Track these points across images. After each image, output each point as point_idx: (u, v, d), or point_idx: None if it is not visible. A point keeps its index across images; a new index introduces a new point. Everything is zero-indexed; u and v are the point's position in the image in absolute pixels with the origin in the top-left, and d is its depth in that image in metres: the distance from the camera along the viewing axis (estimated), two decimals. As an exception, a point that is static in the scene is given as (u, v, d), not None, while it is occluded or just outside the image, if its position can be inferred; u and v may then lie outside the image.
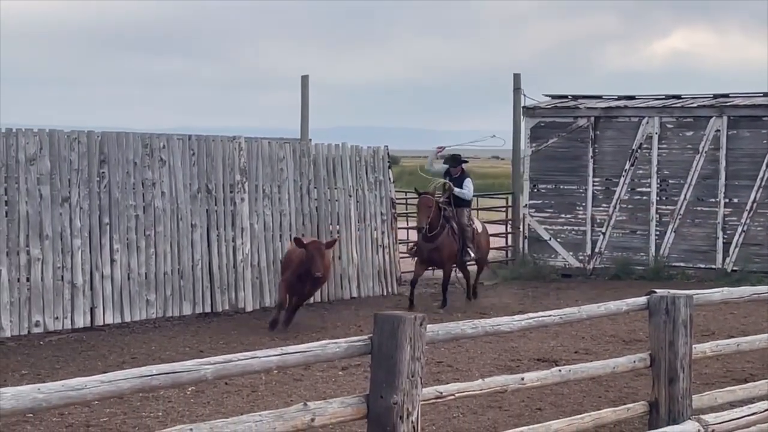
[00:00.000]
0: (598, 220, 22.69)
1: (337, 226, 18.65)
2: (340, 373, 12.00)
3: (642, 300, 6.69)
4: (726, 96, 22.37)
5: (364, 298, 18.69)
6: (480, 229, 18.78)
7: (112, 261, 15.42)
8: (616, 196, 22.52)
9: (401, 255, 20.16)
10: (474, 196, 19.75)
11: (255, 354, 5.05)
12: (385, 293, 19.28)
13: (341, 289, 18.54)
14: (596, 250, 22.67)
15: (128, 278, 15.59)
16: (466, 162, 19.01)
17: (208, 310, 16.58)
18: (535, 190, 23.38)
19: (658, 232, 22.08)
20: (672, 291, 6.70)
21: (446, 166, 18.61)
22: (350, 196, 18.94)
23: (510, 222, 24.11)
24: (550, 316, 6.40)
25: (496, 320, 6.12)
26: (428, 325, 5.48)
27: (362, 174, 19.22)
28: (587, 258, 22.70)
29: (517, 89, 23.57)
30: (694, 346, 6.74)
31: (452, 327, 5.78)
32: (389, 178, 19.81)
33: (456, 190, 18.12)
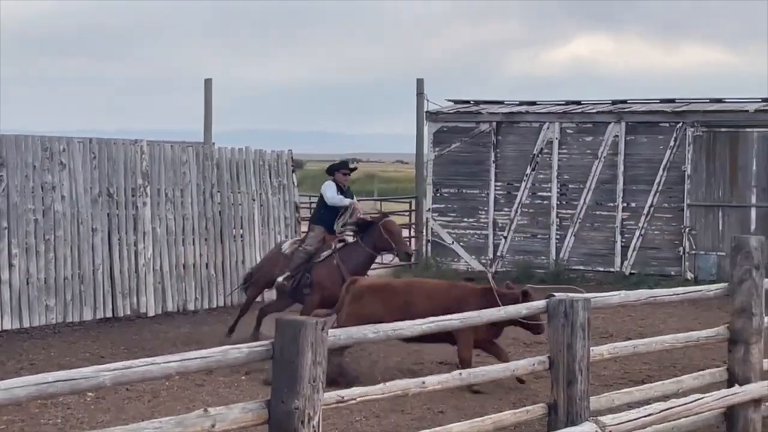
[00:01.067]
0: (500, 224, 22.93)
1: (241, 231, 18.56)
2: (244, 378, 11.95)
3: (541, 304, 6.78)
4: (624, 102, 22.78)
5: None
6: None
7: (11, 266, 15.15)
8: (517, 201, 22.79)
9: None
10: (378, 199, 19.79)
11: (154, 360, 5.01)
12: (288, 297, 19.19)
13: (245, 294, 18.42)
14: (498, 253, 22.90)
15: (27, 283, 15.33)
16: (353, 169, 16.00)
17: (109, 315, 16.38)
18: (438, 195, 23.54)
19: (558, 236, 22.39)
20: (570, 294, 6.80)
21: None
22: (254, 200, 18.86)
23: (413, 226, 24.24)
24: (451, 319, 6.46)
25: (398, 324, 6.16)
26: (330, 330, 5.50)
27: (266, 178, 19.15)
28: (489, 262, 22.92)
29: (420, 94, 23.73)
30: (592, 348, 6.85)
31: (354, 332, 5.81)
32: (293, 182, 19.77)
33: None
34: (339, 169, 15.11)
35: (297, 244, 15.10)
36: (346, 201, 14.86)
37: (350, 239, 14.61)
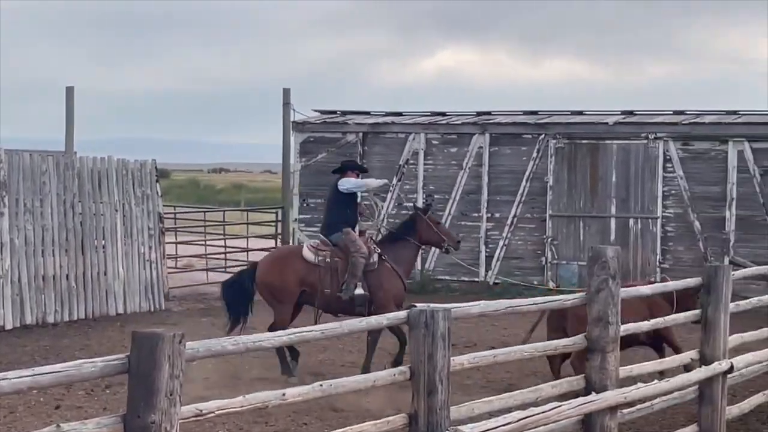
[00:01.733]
0: (366, 235, 22.95)
1: (103, 242, 18.23)
2: (106, 392, 11.73)
3: (402, 314, 6.79)
4: (489, 114, 23.11)
5: (131, 315, 18.30)
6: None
7: None
8: (383, 211, 22.86)
9: (169, 270, 19.88)
10: (245, 210, 19.66)
11: (6, 375, 4.87)
12: (152, 309, 18.94)
13: (107, 306, 18.11)
14: (365, 264, 22.93)
15: None
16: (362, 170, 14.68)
17: (-36, 328, 15.91)
18: (305, 205, 23.52)
19: (424, 247, 22.52)
20: (431, 305, 6.83)
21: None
22: (116, 210, 18.54)
23: (280, 236, 24.14)
24: (312, 331, 6.42)
25: (258, 336, 6.10)
26: (188, 343, 5.42)
27: (129, 188, 18.85)
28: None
29: (286, 104, 23.68)
30: (453, 358, 6.89)
31: (213, 344, 5.73)
32: (157, 192, 19.50)
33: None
34: (353, 169, 13.85)
35: (320, 250, 13.33)
36: (375, 182, 14.22)
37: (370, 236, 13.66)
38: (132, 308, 18.59)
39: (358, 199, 13.94)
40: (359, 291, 13.03)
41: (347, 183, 13.45)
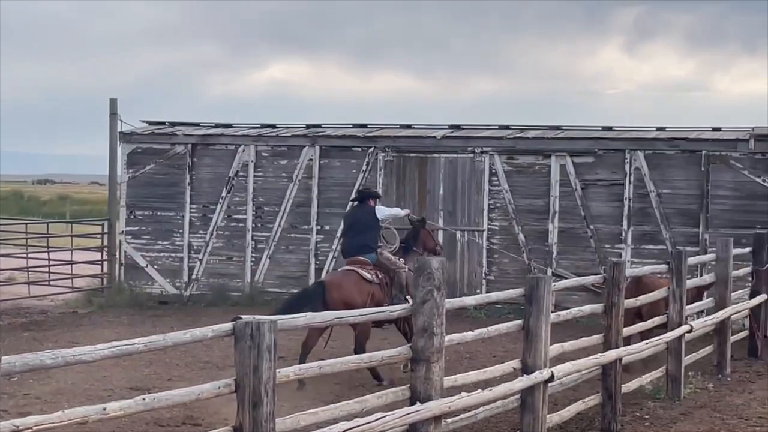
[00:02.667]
0: (195, 247, 22.78)
1: None
2: None
3: (228, 326, 6.73)
4: (319, 126, 23.18)
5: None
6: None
7: None
8: (213, 223, 22.71)
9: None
10: (69, 222, 19.25)
11: None
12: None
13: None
14: (193, 276, 22.74)
15: None
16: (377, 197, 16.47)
17: None
18: (132, 217, 23.14)
19: (253, 259, 22.48)
20: (257, 316, 6.80)
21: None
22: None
23: (106, 249, 23.69)
24: (135, 344, 6.31)
25: (78, 350, 5.96)
26: (4, 357, 5.27)
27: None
28: (184, 285, 22.71)
29: (113, 114, 23.27)
30: (278, 370, 6.87)
31: (30, 358, 5.58)
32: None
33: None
34: (372, 197, 15.72)
35: (370, 270, 14.74)
36: (401, 212, 16.26)
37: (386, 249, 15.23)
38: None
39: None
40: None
41: (384, 211, 15.58)
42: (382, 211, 15.44)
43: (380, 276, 14.69)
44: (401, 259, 15.04)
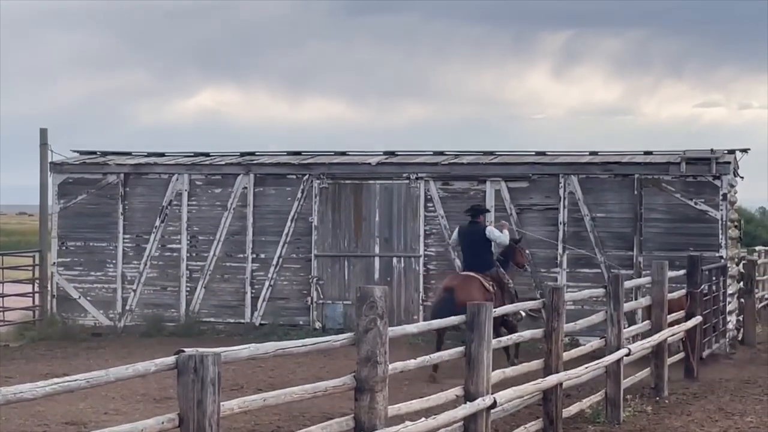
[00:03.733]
0: (129, 278, 22.53)
1: None
2: None
3: (171, 360, 6.63)
4: (253, 154, 23.07)
5: None
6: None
7: None
8: (147, 253, 22.49)
9: None
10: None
11: None
12: None
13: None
14: (127, 307, 22.48)
15: None
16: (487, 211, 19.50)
17: None
18: (64, 248, 22.84)
19: (188, 288, 22.28)
20: (200, 349, 6.70)
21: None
22: None
23: (38, 281, 23.33)
24: (76, 380, 6.18)
25: (18, 387, 5.83)
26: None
27: None
28: (118, 316, 22.45)
29: (43, 144, 22.99)
30: (222, 403, 6.78)
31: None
32: None
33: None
34: (483, 212, 18.51)
35: (487, 281, 17.11)
36: (506, 239, 17.90)
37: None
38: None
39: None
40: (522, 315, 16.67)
41: (494, 233, 17.77)
42: (491, 233, 17.73)
43: (495, 288, 17.06)
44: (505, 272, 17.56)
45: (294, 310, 21.90)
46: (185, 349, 6.68)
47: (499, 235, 17.75)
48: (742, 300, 22.29)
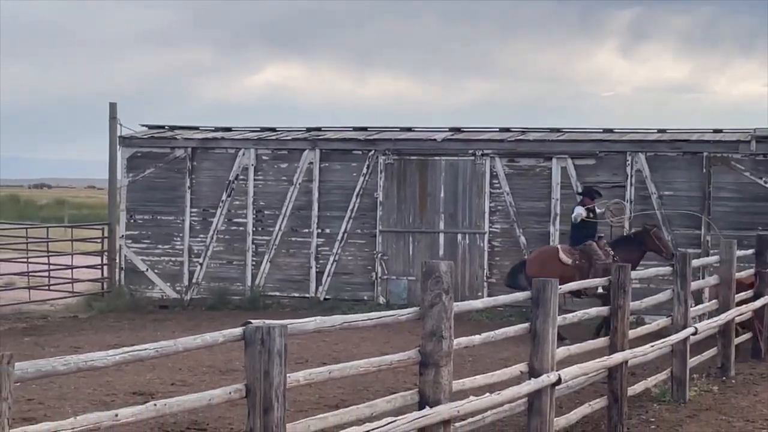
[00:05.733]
0: (196, 251, 22.73)
1: None
2: None
3: (238, 331, 6.69)
4: (319, 129, 23.13)
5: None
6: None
7: None
8: (213, 227, 22.66)
9: None
10: (69, 226, 19.21)
11: None
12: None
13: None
14: (194, 280, 22.69)
15: None
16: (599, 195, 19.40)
17: None
18: (132, 221, 23.10)
19: (254, 263, 22.43)
20: (267, 321, 6.75)
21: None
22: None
23: (106, 253, 23.64)
24: (146, 349, 6.27)
25: (89, 356, 5.93)
26: (17, 363, 5.23)
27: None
28: (185, 289, 22.67)
29: (113, 118, 23.23)
30: (288, 375, 6.84)
31: (42, 364, 5.54)
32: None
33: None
34: (589, 194, 19.04)
35: (572, 254, 18.36)
36: (580, 213, 18.62)
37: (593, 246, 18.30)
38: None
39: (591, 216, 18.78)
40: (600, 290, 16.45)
41: (574, 211, 18.80)
42: (575, 211, 18.76)
43: (580, 261, 18.15)
44: (611, 251, 18.29)
45: (358, 286, 21.97)
46: (252, 321, 6.74)
47: (574, 216, 18.73)
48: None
